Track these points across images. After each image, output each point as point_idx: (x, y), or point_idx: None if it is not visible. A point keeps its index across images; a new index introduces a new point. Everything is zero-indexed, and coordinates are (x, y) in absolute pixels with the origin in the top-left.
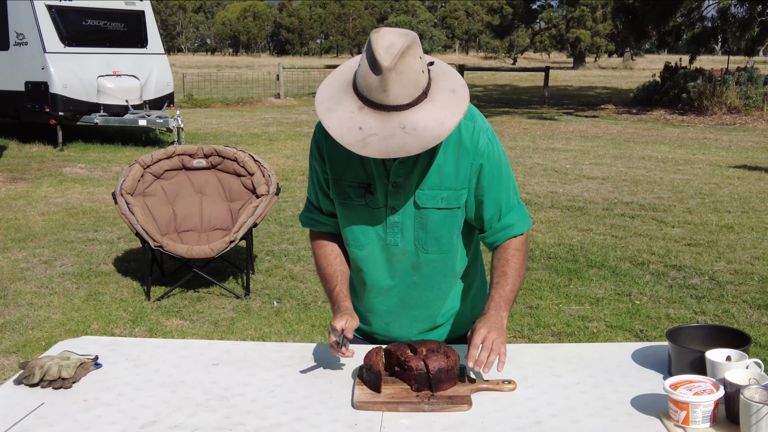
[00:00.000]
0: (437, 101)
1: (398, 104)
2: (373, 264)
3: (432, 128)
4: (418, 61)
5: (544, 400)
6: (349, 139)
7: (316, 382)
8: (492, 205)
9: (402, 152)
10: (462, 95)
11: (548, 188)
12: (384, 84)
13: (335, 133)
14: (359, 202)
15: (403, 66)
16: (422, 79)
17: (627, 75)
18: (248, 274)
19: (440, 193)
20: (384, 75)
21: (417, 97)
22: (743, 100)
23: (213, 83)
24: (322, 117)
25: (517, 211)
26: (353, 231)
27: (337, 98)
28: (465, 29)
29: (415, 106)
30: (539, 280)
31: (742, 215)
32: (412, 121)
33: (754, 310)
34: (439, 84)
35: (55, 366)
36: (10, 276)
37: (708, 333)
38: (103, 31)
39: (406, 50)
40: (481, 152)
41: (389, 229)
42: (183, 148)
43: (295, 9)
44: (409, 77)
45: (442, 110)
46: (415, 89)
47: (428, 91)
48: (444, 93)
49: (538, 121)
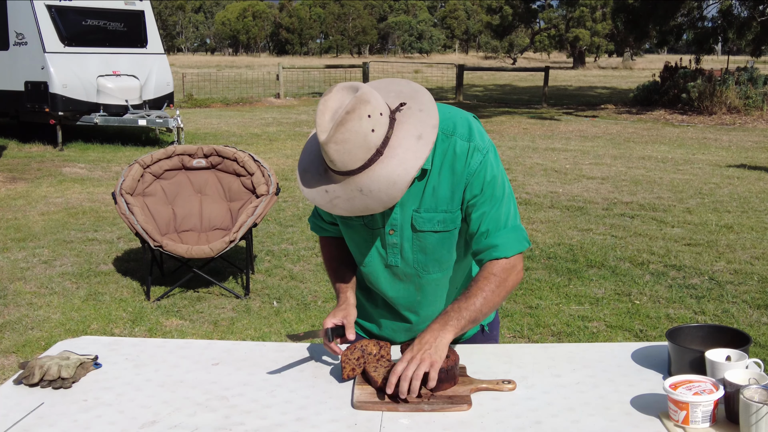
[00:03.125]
0: (394, 157)
1: (349, 169)
2: (377, 281)
3: (385, 190)
4: (365, 122)
5: (543, 400)
6: (320, 201)
7: (316, 382)
8: (478, 220)
9: (367, 212)
10: (428, 140)
11: (548, 188)
12: (328, 155)
13: (307, 195)
14: (358, 222)
15: (343, 135)
16: (373, 139)
17: (627, 75)
18: (248, 274)
19: (436, 216)
20: (324, 148)
21: (369, 158)
22: (743, 100)
23: (213, 83)
24: (298, 178)
25: (509, 232)
26: (355, 250)
27: (311, 160)
28: (465, 29)
29: (368, 168)
30: (539, 280)
31: (741, 215)
32: (366, 184)
33: (754, 310)
34: (404, 130)
35: (55, 366)
36: (10, 276)
37: (708, 333)
38: (102, 31)
39: (344, 118)
40: (473, 171)
41: (389, 250)
42: (183, 148)
43: (294, 9)
44: (353, 144)
45: (397, 168)
46: (364, 152)
47: (385, 146)
48: (407, 142)
49: (538, 121)
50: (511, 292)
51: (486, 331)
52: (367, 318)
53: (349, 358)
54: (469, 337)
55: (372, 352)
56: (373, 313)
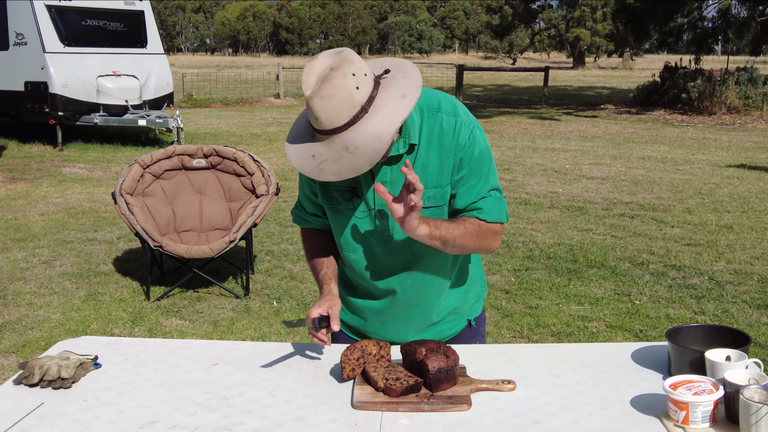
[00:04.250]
0: (379, 114)
1: (335, 127)
2: (367, 266)
3: (371, 144)
4: (350, 79)
5: (543, 399)
6: (306, 167)
7: (316, 382)
8: (466, 195)
9: (354, 172)
10: (411, 98)
11: (548, 188)
12: (313, 112)
13: (295, 163)
14: (347, 206)
15: (328, 90)
16: (358, 96)
17: (627, 75)
18: (248, 274)
19: (426, 192)
20: (309, 103)
21: (355, 115)
22: (743, 100)
23: (212, 83)
24: (286, 149)
25: (496, 202)
26: (344, 235)
27: (299, 131)
28: (464, 29)
29: (353, 125)
30: (539, 280)
31: (741, 215)
32: (352, 141)
33: (754, 310)
34: (389, 91)
35: (55, 366)
36: (10, 276)
37: (707, 333)
38: (102, 31)
39: (328, 74)
40: (462, 146)
41: (379, 232)
42: (183, 148)
43: (294, 9)
44: (338, 100)
45: (382, 122)
46: (349, 109)
47: (370, 104)
48: (391, 100)
49: (538, 121)
50: (481, 251)
51: (473, 326)
52: (350, 311)
53: (349, 358)
54: (457, 333)
55: (372, 352)
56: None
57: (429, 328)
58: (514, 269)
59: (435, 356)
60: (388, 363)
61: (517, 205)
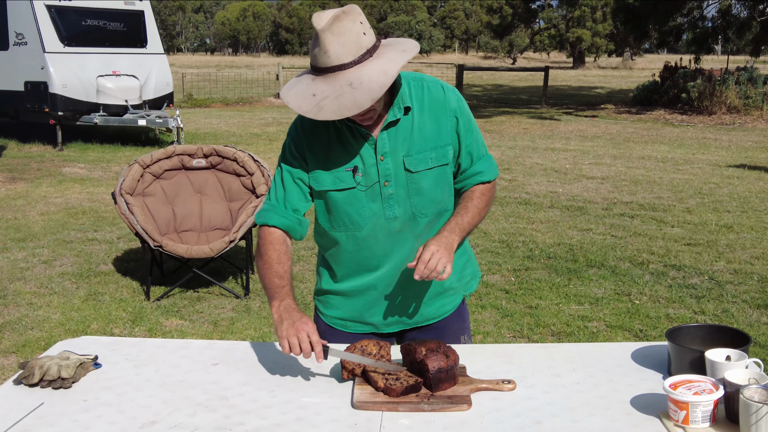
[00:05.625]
0: (383, 57)
1: (342, 63)
2: (375, 242)
3: (376, 78)
4: (358, 25)
5: (543, 399)
6: (306, 106)
7: (316, 382)
8: (466, 155)
9: (355, 107)
10: (410, 52)
11: (548, 188)
12: (323, 46)
13: (293, 104)
14: (351, 184)
15: (339, 27)
16: (364, 41)
17: (627, 75)
18: (248, 273)
19: (428, 154)
20: (320, 37)
21: (361, 56)
22: (743, 99)
23: (212, 83)
24: (283, 95)
25: (486, 160)
26: (350, 215)
27: (298, 80)
28: (464, 29)
29: (359, 64)
30: (539, 279)
31: (741, 215)
32: (357, 77)
33: (754, 310)
34: (389, 48)
35: (55, 366)
36: (10, 276)
37: (707, 333)
38: (102, 31)
39: (340, 14)
40: (454, 107)
41: (386, 203)
42: (183, 148)
43: (294, 9)
44: (347, 37)
45: (387, 63)
46: (356, 48)
47: (374, 51)
48: (393, 53)
49: (538, 121)
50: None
51: (462, 314)
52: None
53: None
54: (455, 308)
55: (372, 352)
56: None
57: (433, 300)
58: (514, 269)
59: (435, 356)
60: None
61: (517, 205)
